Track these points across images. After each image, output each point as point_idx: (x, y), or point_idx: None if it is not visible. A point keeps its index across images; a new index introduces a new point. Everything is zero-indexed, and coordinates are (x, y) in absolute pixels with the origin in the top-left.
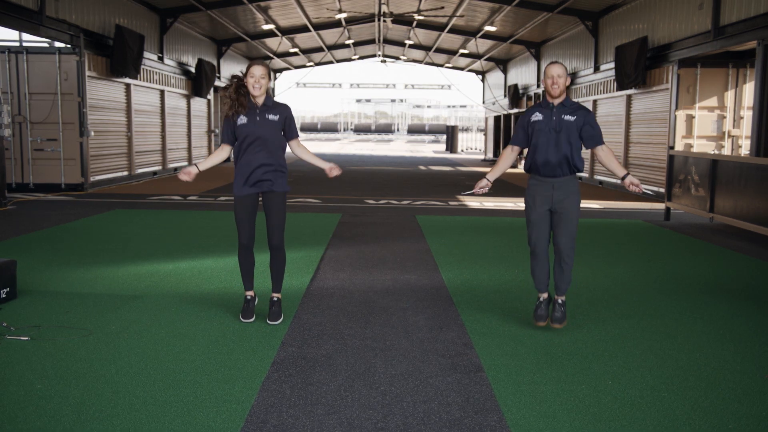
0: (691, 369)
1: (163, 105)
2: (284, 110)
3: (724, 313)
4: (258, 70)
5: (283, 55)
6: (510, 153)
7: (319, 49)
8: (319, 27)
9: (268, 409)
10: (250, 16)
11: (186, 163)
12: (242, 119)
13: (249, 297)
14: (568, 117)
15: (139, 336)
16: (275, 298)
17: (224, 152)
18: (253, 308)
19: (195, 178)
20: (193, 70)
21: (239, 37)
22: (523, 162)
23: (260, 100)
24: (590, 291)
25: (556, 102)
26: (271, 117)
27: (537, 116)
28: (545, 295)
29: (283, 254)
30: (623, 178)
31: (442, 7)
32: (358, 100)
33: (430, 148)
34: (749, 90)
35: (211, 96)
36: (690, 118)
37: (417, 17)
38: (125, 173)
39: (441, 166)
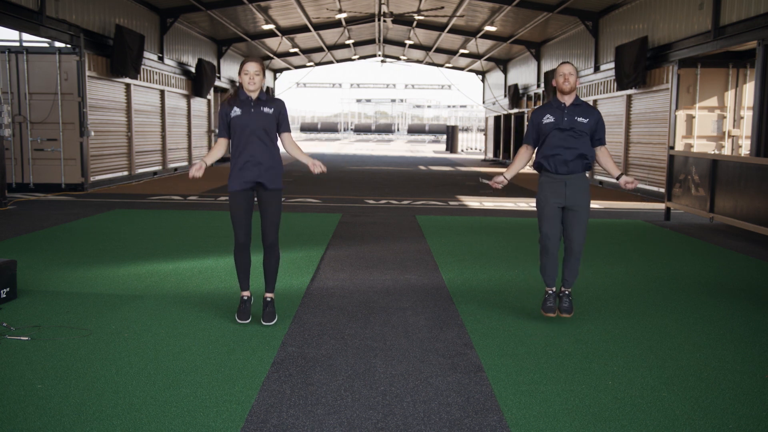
0: (691, 369)
1: (163, 105)
2: (278, 104)
3: (724, 313)
4: (252, 67)
5: (283, 55)
6: (525, 152)
7: (319, 49)
8: (319, 27)
9: (268, 409)
10: (250, 16)
11: (186, 164)
12: (236, 111)
13: (245, 297)
14: (581, 119)
15: (139, 336)
16: (268, 299)
17: (222, 146)
18: (249, 309)
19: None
20: (193, 70)
21: (239, 37)
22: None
23: (254, 95)
24: (590, 291)
25: (567, 101)
26: (266, 110)
27: (548, 118)
28: (553, 289)
29: (277, 252)
30: (618, 177)
31: (442, 7)
32: (358, 100)
33: (430, 148)
34: (749, 90)
35: (211, 96)
36: (690, 118)
37: (417, 17)
38: (125, 173)
39: (441, 166)
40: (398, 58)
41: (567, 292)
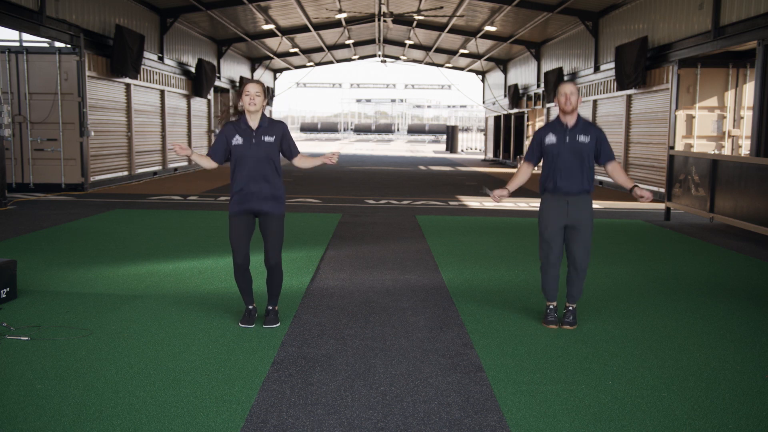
0: (691, 369)
1: (163, 105)
2: (280, 129)
3: (724, 313)
4: (253, 88)
5: (283, 55)
6: (526, 169)
7: (319, 49)
8: (319, 27)
9: (268, 409)
10: (250, 16)
11: (186, 164)
12: (237, 139)
13: (251, 308)
14: (582, 138)
15: (139, 336)
16: (270, 308)
17: (211, 166)
18: (254, 317)
19: (185, 158)
20: (193, 70)
21: (239, 37)
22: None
23: (255, 119)
24: (590, 291)
25: (570, 121)
26: (267, 139)
27: (551, 138)
28: (555, 304)
29: (280, 272)
30: (631, 190)
31: (442, 7)
32: (358, 100)
33: (430, 148)
34: (749, 90)
35: (211, 96)
36: (690, 118)
37: (417, 17)
38: (125, 173)
39: (441, 166)
40: (398, 58)
41: (572, 308)
